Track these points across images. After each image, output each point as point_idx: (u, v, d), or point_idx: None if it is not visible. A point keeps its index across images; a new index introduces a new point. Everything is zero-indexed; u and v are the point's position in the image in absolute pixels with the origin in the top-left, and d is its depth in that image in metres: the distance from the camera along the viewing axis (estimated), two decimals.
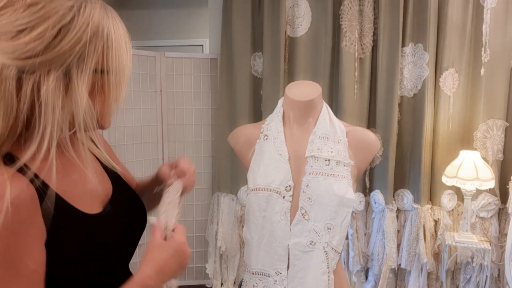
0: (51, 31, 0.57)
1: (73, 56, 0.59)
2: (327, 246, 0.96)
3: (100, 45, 0.62)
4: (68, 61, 0.59)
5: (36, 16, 0.56)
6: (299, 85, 1.06)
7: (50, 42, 0.57)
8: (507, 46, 2.30)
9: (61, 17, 0.58)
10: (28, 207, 0.58)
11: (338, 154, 0.98)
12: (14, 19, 0.56)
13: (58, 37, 0.58)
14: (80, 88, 0.60)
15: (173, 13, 4.43)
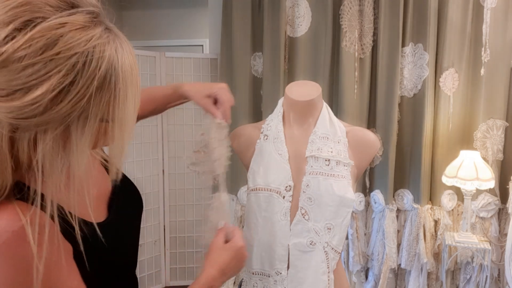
0: (50, 94, 0.50)
1: (73, 114, 0.53)
2: (327, 246, 0.96)
3: (106, 97, 0.55)
4: (68, 120, 0.53)
5: (33, 77, 0.50)
6: (299, 85, 1.06)
7: (48, 105, 0.51)
8: (507, 46, 2.30)
9: (62, 78, 0.50)
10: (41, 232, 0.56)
11: (338, 154, 0.98)
12: (8, 79, 0.50)
13: (58, 99, 0.51)
14: (80, 143, 0.55)
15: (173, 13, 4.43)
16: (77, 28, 0.52)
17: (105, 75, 0.54)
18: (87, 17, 0.54)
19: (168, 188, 2.80)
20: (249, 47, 2.60)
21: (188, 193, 2.85)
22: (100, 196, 0.74)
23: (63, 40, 0.50)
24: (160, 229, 2.81)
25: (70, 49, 0.51)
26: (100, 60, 0.53)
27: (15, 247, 0.53)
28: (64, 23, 0.51)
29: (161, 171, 2.77)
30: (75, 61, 0.51)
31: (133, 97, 0.59)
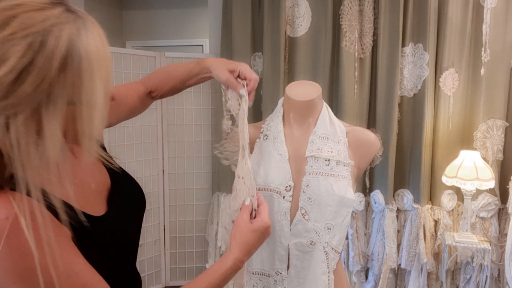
0: (10, 75, 0.50)
1: (39, 96, 0.53)
2: (327, 246, 0.96)
3: (70, 78, 0.54)
4: (35, 101, 0.53)
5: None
6: (299, 85, 1.06)
7: (11, 87, 0.51)
8: (507, 46, 2.30)
9: (20, 59, 0.50)
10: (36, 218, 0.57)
11: (338, 154, 0.98)
12: None
13: (19, 80, 0.51)
14: (50, 126, 0.54)
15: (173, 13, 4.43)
16: (34, 9, 0.52)
17: (66, 55, 0.53)
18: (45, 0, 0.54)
19: (168, 188, 2.80)
20: (249, 47, 2.60)
21: (188, 193, 2.85)
22: (99, 191, 0.74)
23: (18, 21, 0.50)
24: (160, 229, 2.81)
25: (25, 29, 0.51)
26: (58, 39, 0.52)
27: (13, 235, 0.54)
28: (19, 4, 0.51)
29: (161, 171, 2.77)
30: (31, 40, 0.51)
31: (101, 80, 0.58)
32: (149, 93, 1.04)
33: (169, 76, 1.03)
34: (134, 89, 1.00)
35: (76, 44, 0.54)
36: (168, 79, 1.03)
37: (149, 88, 1.03)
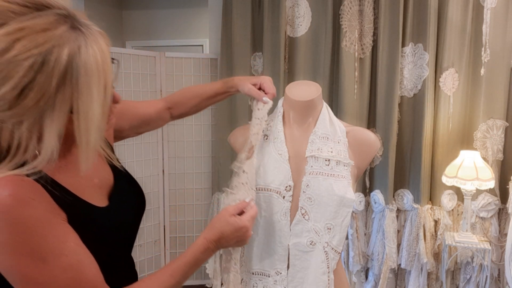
0: (13, 92, 0.57)
1: (41, 108, 0.59)
2: (327, 246, 0.96)
3: (68, 91, 0.60)
4: (37, 112, 0.60)
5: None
6: (299, 85, 1.06)
7: (14, 101, 0.58)
8: (507, 46, 2.30)
9: (21, 79, 0.56)
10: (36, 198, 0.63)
11: (338, 154, 0.98)
12: None
13: (22, 96, 0.58)
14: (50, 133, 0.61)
15: (173, 13, 4.43)
16: (37, 31, 0.57)
17: (65, 72, 0.59)
18: (50, 19, 0.59)
19: (168, 188, 2.80)
20: (249, 47, 2.60)
21: (188, 193, 2.85)
22: (101, 186, 0.80)
23: (20, 44, 0.56)
24: (160, 229, 2.81)
25: (27, 51, 0.56)
26: (58, 59, 0.58)
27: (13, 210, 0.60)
28: (22, 28, 0.56)
29: (161, 171, 2.77)
30: (33, 61, 0.56)
31: (99, 92, 0.63)
32: (168, 108, 1.13)
33: (193, 94, 1.14)
34: (151, 103, 1.11)
35: (75, 61, 0.59)
36: (192, 97, 1.13)
37: (169, 103, 1.13)
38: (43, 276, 0.63)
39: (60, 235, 0.65)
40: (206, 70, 2.80)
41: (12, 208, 0.60)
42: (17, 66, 0.56)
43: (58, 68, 0.58)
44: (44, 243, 0.63)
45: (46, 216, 0.64)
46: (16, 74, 0.56)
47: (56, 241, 0.64)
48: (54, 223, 0.65)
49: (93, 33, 0.63)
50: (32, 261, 0.62)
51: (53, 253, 0.64)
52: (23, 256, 0.62)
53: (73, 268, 0.66)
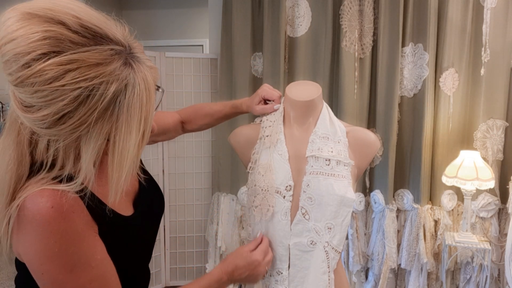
0: (53, 116, 0.59)
1: (78, 134, 0.61)
2: (327, 245, 0.96)
3: (107, 126, 0.62)
4: (74, 136, 0.62)
5: (41, 101, 0.58)
6: (299, 85, 1.06)
7: (52, 124, 0.60)
8: (507, 46, 2.30)
9: (65, 106, 0.58)
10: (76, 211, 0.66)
11: (339, 154, 0.98)
12: (25, 96, 0.59)
13: (60, 121, 0.60)
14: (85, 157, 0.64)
15: (173, 13, 4.43)
16: (89, 65, 0.58)
17: (108, 107, 0.60)
18: (105, 54, 0.60)
19: (168, 188, 2.80)
20: (249, 47, 2.60)
21: (188, 193, 2.85)
22: (128, 193, 0.83)
23: (71, 75, 0.57)
24: (160, 229, 2.81)
25: (75, 84, 0.57)
26: (103, 95, 0.59)
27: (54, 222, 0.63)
28: (76, 60, 0.57)
29: (161, 171, 2.77)
30: (79, 94, 0.58)
31: (137, 130, 0.64)
32: (181, 122, 1.23)
33: (205, 113, 1.22)
34: (170, 114, 1.20)
35: (120, 99, 0.61)
36: (204, 116, 1.22)
37: (183, 118, 1.23)
38: (71, 284, 0.67)
39: (91, 247, 0.69)
40: (206, 70, 2.80)
41: (54, 220, 0.63)
42: (63, 95, 0.57)
43: (102, 103, 0.59)
44: (76, 254, 0.66)
45: (82, 229, 0.67)
46: (61, 102, 0.58)
47: (87, 253, 0.68)
48: (87, 236, 0.68)
49: (143, 70, 0.65)
50: (63, 270, 0.66)
51: (83, 264, 0.67)
52: (56, 264, 0.65)
53: (98, 280, 0.69)
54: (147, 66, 0.66)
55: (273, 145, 1.01)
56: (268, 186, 0.97)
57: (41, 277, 0.67)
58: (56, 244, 0.64)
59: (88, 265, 0.68)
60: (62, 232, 0.64)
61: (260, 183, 0.98)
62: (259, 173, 0.99)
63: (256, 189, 0.98)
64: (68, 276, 0.66)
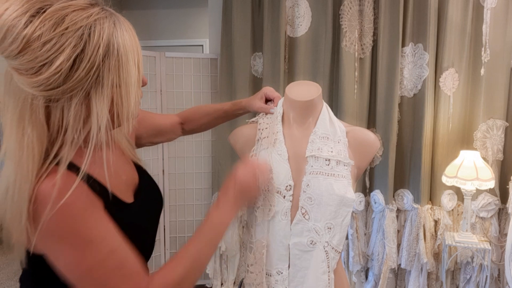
0: (67, 63, 0.63)
1: (90, 80, 0.66)
2: (327, 245, 0.96)
3: (112, 62, 0.67)
4: (86, 85, 0.66)
5: (52, 51, 0.62)
6: (299, 85, 1.06)
7: (68, 73, 0.64)
8: (507, 46, 2.30)
9: (73, 49, 0.63)
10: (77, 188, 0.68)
11: (338, 154, 0.98)
12: (34, 57, 0.62)
13: (74, 66, 0.64)
14: (99, 107, 0.67)
15: (173, 13, 4.43)
16: (79, 9, 0.65)
17: (108, 43, 0.66)
18: (85, 1, 0.67)
19: (168, 188, 2.80)
20: (249, 47, 2.60)
21: (188, 193, 2.85)
22: (128, 184, 0.86)
23: (69, 18, 0.63)
24: (160, 229, 2.81)
25: (75, 24, 0.63)
26: (101, 31, 0.66)
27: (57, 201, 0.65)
28: (67, 6, 0.64)
29: (161, 171, 2.77)
30: (81, 33, 0.64)
31: (134, 63, 0.71)
32: (181, 123, 1.23)
33: (204, 113, 1.23)
34: (168, 116, 1.21)
35: (114, 35, 0.67)
36: (203, 116, 1.23)
37: (181, 119, 1.23)
38: (90, 260, 0.68)
39: (102, 221, 0.71)
40: (206, 70, 2.80)
41: (56, 198, 0.64)
42: (69, 38, 0.63)
43: (103, 39, 0.65)
44: (88, 229, 0.68)
45: (87, 204, 0.69)
46: (69, 46, 0.63)
47: (99, 227, 0.70)
48: (96, 212, 0.70)
49: (119, 15, 0.72)
50: (78, 247, 0.68)
51: (99, 237, 0.69)
52: (69, 243, 0.67)
53: (118, 251, 0.71)
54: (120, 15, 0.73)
55: (271, 146, 1.01)
56: (268, 186, 0.97)
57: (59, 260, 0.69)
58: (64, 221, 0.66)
59: (104, 237, 0.70)
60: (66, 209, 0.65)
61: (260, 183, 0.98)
62: None
63: None
64: (84, 252, 0.68)
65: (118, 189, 0.79)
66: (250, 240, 1.01)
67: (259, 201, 0.97)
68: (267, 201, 0.97)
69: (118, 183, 0.81)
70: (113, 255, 0.70)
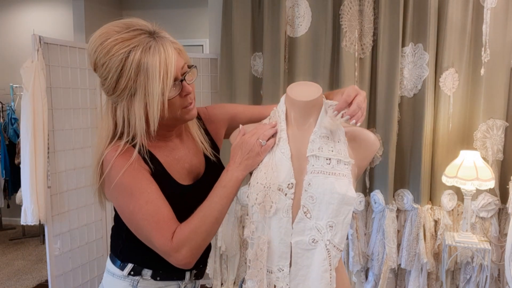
0: (112, 79, 0.92)
1: (129, 90, 0.92)
2: (329, 244, 0.96)
3: (142, 78, 0.90)
4: (127, 93, 0.93)
5: (106, 70, 0.92)
6: (300, 86, 1.07)
7: (116, 84, 0.93)
8: (507, 46, 2.31)
9: (116, 70, 0.91)
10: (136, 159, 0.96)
11: (339, 153, 0.99)
12: (99, 74, 0.95)
13: (118, 82, 0.92)
14: (136, 109, 0.93)
15: (173, 13, 4.43)
16: (124, 40, 0.91)
17: (138, 65, 0.90)
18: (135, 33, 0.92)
19: None
20: (249, 47, 2.60)
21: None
22: (191, 171, 1.09)
23: (115, 48, 0.91)
24: None
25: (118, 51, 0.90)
26: (134, 56, 0.90)
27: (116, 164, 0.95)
28: (116, 38, 0.91)
29: None
30: (121, 58, 0.90)
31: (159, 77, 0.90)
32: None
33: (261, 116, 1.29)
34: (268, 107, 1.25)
35: (144, 59, 0.90)
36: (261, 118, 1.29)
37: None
38: (132, 205, 0.94)
39: (146, 179, 0.95)
40: (206, 70, 2.80)
41: (116, 161, 0.95)
42: (115, 61, 0.90)
43: (135, 61, 0.90)
44: (133, 183, 0.94)
45: (137, 167, 0.95)
46: (114, 66, 0.91)
47: (142, 183, 0.95)
48: (142, 173, 0.96)
49: (164, 41, 0.93)
50: (125, 195, 0.95)
51: (139, 190, 0.94)
52: (120, 191, 0.95)
53: (153, 203, 0.94)
54: (168, 39, 0.95)
55: (275, 145, 1.02)
56: (270, 184, 0.97)
57: (114, 202, 0.98)
58: (120, 177, 0.93)
59: (144, 191, 0.94)
60: (121, 168, 0.93)
61: (262, 180, 0.98)
62: (261, 171, 1.00)
63: (258, 186, 0.98)
64: (129, 199, 0.94)
65: (176, 172, 1.03)
66: (251, 237, 1.02)
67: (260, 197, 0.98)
68: (269, 198, 0.98)
69: (179, 168, 1.05)
70: (148, 205, 0.93)
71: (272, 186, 0.97)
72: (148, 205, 0.93)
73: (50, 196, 2.25)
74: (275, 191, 0.97)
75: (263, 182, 0.98)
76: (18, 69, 2.19)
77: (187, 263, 0.94)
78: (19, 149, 3.78)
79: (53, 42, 2.26)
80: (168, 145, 1.06)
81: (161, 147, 1.03)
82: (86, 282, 2.54)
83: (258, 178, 0.99)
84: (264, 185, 0.97)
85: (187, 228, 0.93)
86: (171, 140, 1.07)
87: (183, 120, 1.02)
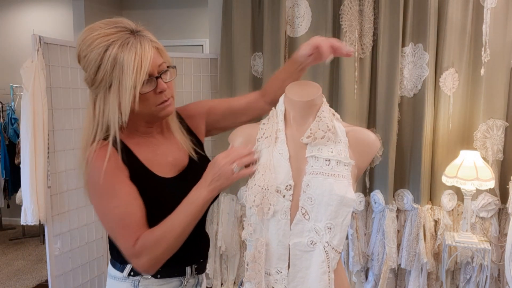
0: (91, 71, 0.97)
1: (106, 82, 0.96)
2: (327, 245, 0.96)
3: (117, 71, 0.94)
4: (104, 85, 0.96)
5: (87, 62, 0.97)
6: (299, 85, 1.06)
7: (94, 76, 0.97)
8: (507, 46, 2.30)
9: (95, 63, 0.95)
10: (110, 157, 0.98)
11: (339, 154, 0.98)
12: (82, 65, 1.00)
13: (96, 74, 0.96)
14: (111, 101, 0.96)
15: (173, 13, 4.43)
16: (104, 35, 0.95)
17: (115, 59, 0.94)
18: (117, 29, 0.97)
19: None
20: (249, 47, 2.60)
21: None
22: (175, 164, 1.10)
23: (96, 42, 0.95)
24: None
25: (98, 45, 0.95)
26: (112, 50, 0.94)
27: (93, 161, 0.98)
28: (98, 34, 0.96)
29: None
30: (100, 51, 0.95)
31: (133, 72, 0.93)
32: (262, 96, 1.28)
33: (274, 78, 1.25)
34: (244, 96, 1.32)
35: (120, 54, 0.94)
36: (273, 81, 1.24)
37: (262, 92, 1.29)
38: (102, 208, 0.98)
39: (119, 182, 0.98)
40: (206, 70, 2.80)
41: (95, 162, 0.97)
42: (94, 54, 0.95)
43: (112, 54, 0.93)
44: (106, 186, 0.96)
45: (113, 169, 0.97)
46: (93, 59, 0.95)
47: (115, 186, 0.97)
48: (117, 175, 0.98)
49: (143, 39, 0.97)
50: (98, 197, 0.99)
51: (111, 194, 0.97)
52: (93, 192, 0.99)
53: (121, 207, 0.96)
54: (148, 37, 1.00)
55: (273, 145, 1.01)
56: (268, 185, 0.97)
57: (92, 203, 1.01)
58: (94, 178, 0.97)
59: (115, 195, 0.97)
60: (98, 170, 0.96)
61: (260, 182, 0.97)
62: (258, 172, 0.99)
63: (256, 188, 0.97)
64: (99, 201, 0.99)
65: (158, 165, 1.06)
66: (249, 239, 1.01)
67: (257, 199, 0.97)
68: (267, 200, 0.97)
69: (161, 161, 1.07)
70: (117, 210, 0.96)
71: (270, 188, 0.96)
72: (116, 210, 0.96)
73: (50, 196, 2.25)
74: (273, 193, 0.97)
75: (261, 183, 0.97)
76: (18, 69, 2.19)
77: (145, 271, 0.98)
78: (19, 149, 3.78)
79: (53, 42, 2.26)
80: (150, 141, 1.09)
81: (141, 144, 1.07)
82: (86, 282, 2.54)
83: (256, 180, 0.98)
84: (262, 187, 0.97)
85: (149, 238, 0.95)
86: (153, 136, 1.10)
87: (158, 116, 1.04)
